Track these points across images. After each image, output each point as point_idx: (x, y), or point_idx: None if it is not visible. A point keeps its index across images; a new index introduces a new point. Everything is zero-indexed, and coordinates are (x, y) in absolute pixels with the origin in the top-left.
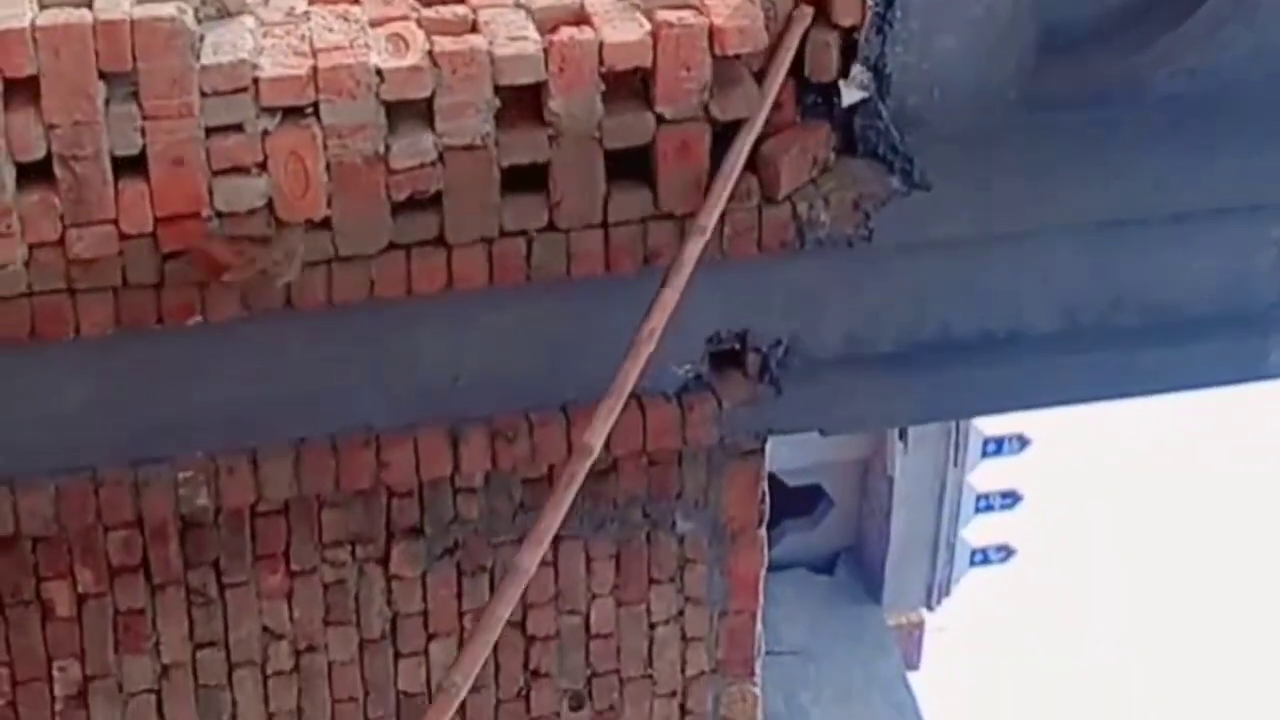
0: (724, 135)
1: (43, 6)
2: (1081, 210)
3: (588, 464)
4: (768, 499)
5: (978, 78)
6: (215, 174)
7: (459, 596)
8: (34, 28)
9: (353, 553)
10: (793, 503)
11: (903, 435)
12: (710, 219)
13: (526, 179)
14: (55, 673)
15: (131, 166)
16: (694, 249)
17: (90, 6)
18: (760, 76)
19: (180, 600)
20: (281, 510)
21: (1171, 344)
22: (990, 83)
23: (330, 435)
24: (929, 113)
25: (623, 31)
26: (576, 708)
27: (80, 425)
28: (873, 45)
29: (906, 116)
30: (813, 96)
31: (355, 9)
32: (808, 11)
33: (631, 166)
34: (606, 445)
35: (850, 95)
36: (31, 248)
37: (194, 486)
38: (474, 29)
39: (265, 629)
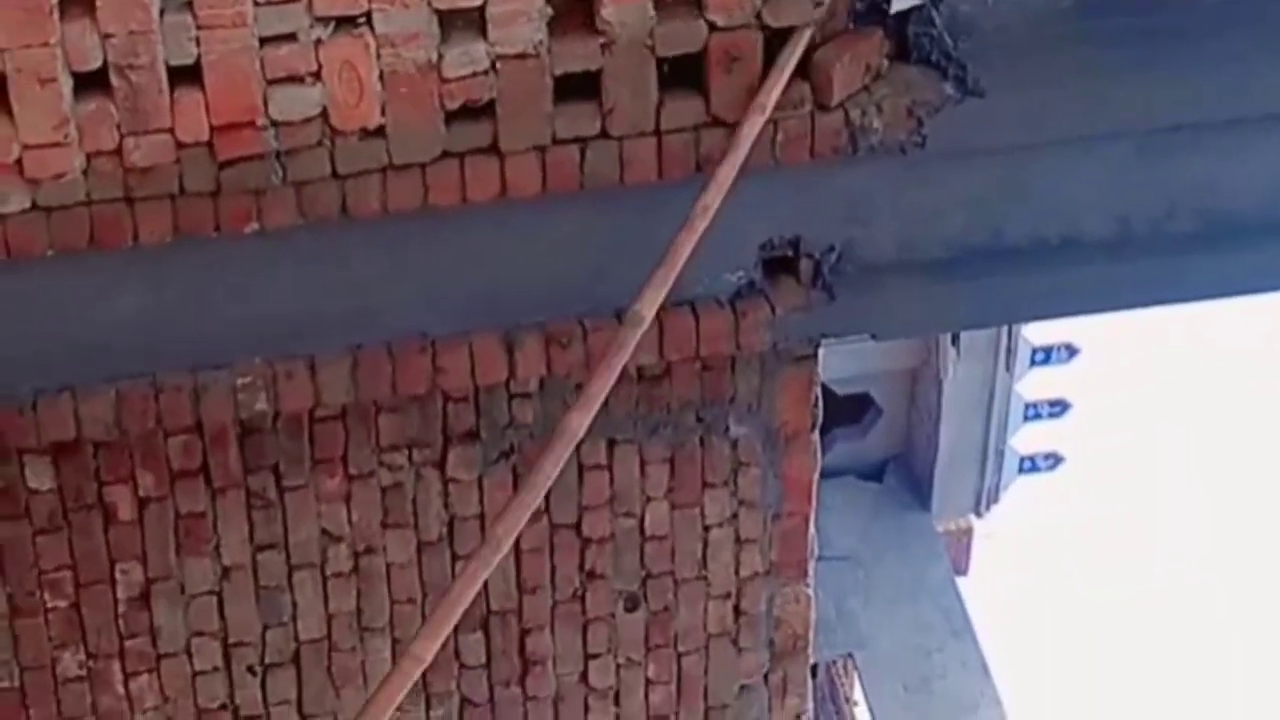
0: (777, 42)
1: None
2: (1135, 116)
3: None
4: (820, 404)
5: None
6: (270, 83)
7: None
8: None
9: (409, 457)
10: (842, 411)
11: (955, 342)
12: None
13: (579, 87)
14: (118, 575)
15: (186, 75)
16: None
17: None
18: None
19: (240, 504)
20: (339, 415)
21: (1225, 250)
22: None
23: (386, 341)
24: (982, 19)
25: None
26: (632, 609)
27: (139, 332)
28: None
29: (959, 23)
30: (866, 2)
31: None
32: (808, 32)
33: (684, 74)
34: (660, 350)
35: (900, 1)
36: (89, 156)
37: (252, 392)
38: None
39: (324, 531)
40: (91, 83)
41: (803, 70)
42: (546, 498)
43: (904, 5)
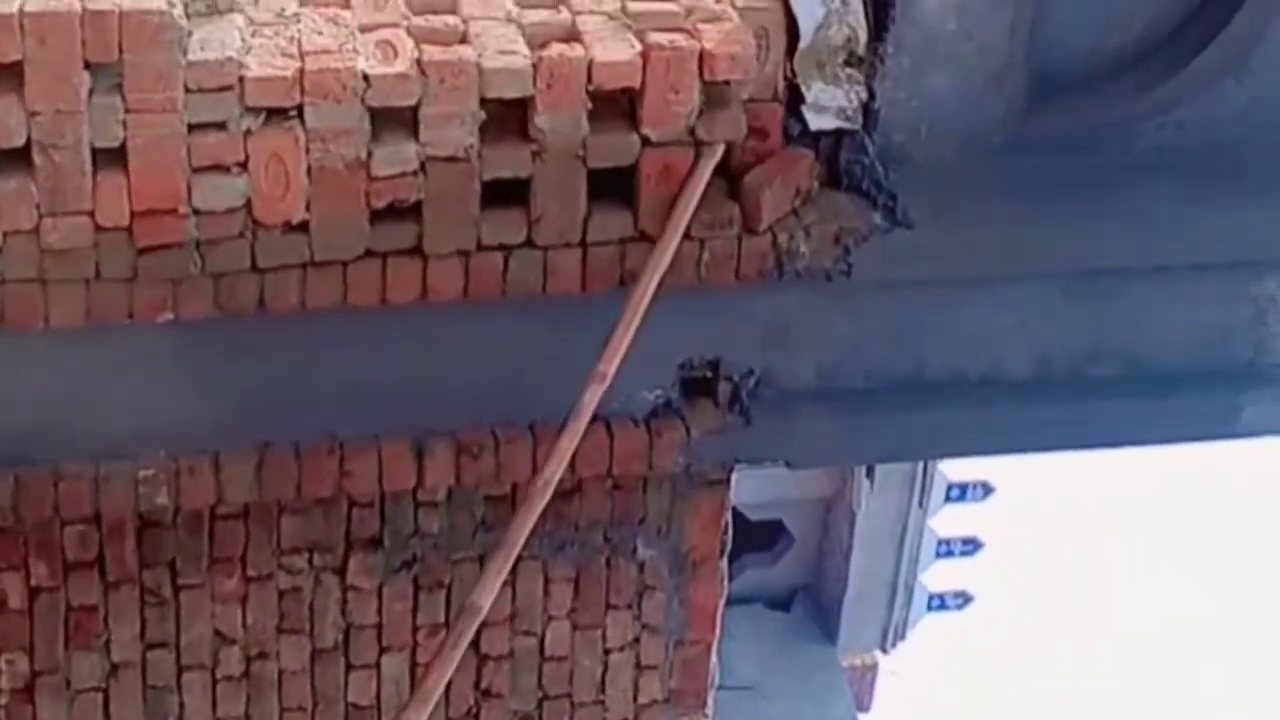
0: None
1: None
2: (1063, 257)
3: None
4: (730, 530)
5: (966, 118)
6: (195, 171)
7: (414, 611)
8: (22, 14)
9: (310, 561)
10: (753, 537)
11: (870, 474)
12: (612, 363)
13: (507, 193)
14: (3, 665)
15: (111, 159)
16: (593, 394)
17: None
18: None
19: (134, 599)
20: (241, 514)
21: (1145, 396)
22: (978, 124)
23: (294, 441)
24: (915, 150)
25: (613, 51)
26: None
27: (44, 417)
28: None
29: (892, 152)
30: (798, 125)
31: (346, 13)
32: (717, 149)
33: (613, 187)
34: (571, 466)
35: (817, 120)
36: (6, 235)
37: (154, 485)
38: (464, 40)
39: (217, 633)
40: (13, 160)
41: (732, 192)
42: (446, 611)
43: (825, 125)
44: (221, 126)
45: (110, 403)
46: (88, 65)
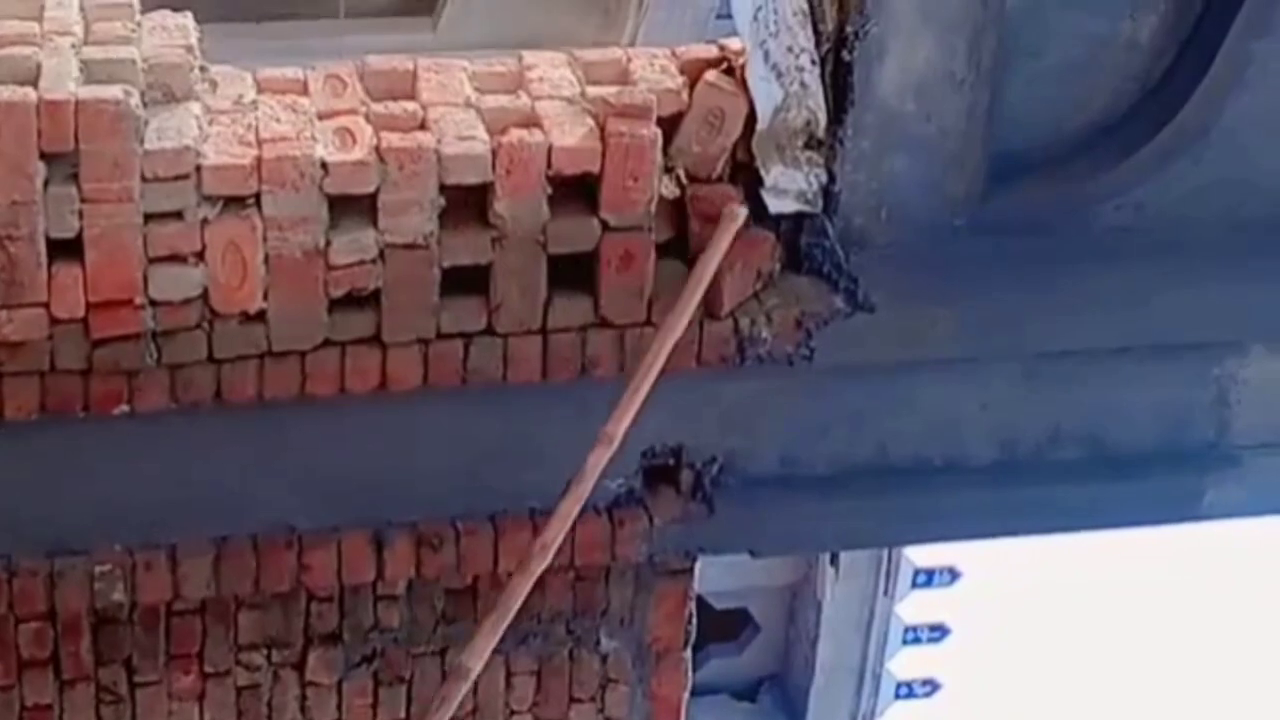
0: (667, 247)
1: None
2: (1023, 340)
3: (463, 686)
4: (695, 620)
5: (927, 200)
6: (151, 261)
7: (374, 707)
8: None
9: (268, 656)
10: (718, 626)
11: (834, 561)
12: (620, 425)
13: (467, 281)
14: None
15: (66, 249)
16: (598, 457)
17: (35, 85)
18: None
19: (90, 697)
20: (198, 610)
21: (1108, 480)
22: (939, 206)
23: (252, 535)
24: (876, 233)
25: (572, 136)
26: None
27: None
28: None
29: (853, 235)
30: (757, 207)
31: (304, 100)
32: (740, 212)
33: (573, 273)
34: None
35: (777, 204)
36: None
37: (110, 581)
38: (423, 126)
39: None
40: None
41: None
42: (408, 706)
43: (784, 208)
44: (178, 216)
45: (65, 497)
46: (43, 155)
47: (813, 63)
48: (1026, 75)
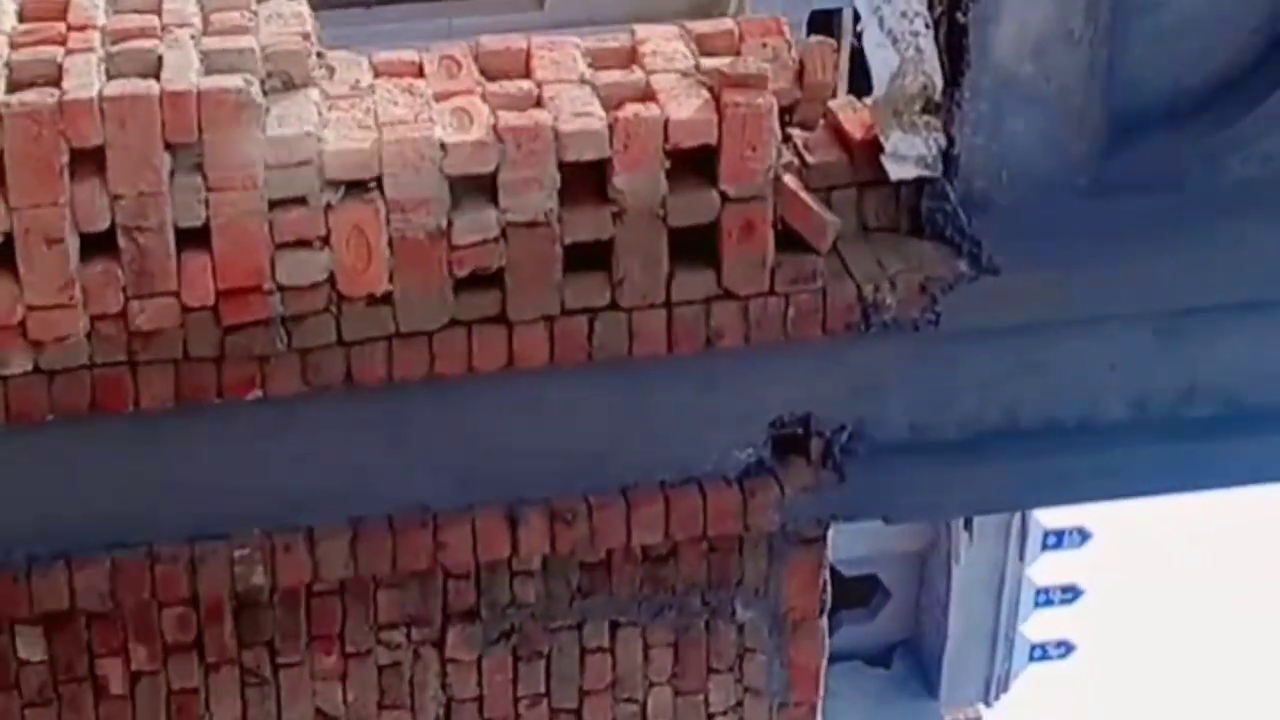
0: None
1: (110, 76)
2: (1153, 297)
3: None
4: (829, 588)
5: (1048, 161)
6: (278, 247)
7: (514, 682)
8: (101, 98)
9: (408, 635)
10: (849, 593)
11: (968, 525)
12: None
13: (589, 257)
14: None
15: (194, 238)
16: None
17: (157, 77)
18: None
19: (234, 680)
20: (337, 590)
21: (1243, 436)
22: (1060, 166)
23: (387, 515)
24: (997, 195)
25: (687, 108)
26: None
27: (137, 500)
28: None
29: (974, 199)
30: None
31: (420, 83)
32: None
33: (695, 245)
34: (666, 529)
35: (897, 170)
36: (93, 319)
37: (250, 564)
38: (538, 104)
39: (319, 711)
40: (98, 244)
41: (806, 247)
42: (547, 681)
43: (905, 174)
44: (303, 201)
45: (202, 482)
46: (168, 146)
47: (927, 27)
48: (1146, 30)
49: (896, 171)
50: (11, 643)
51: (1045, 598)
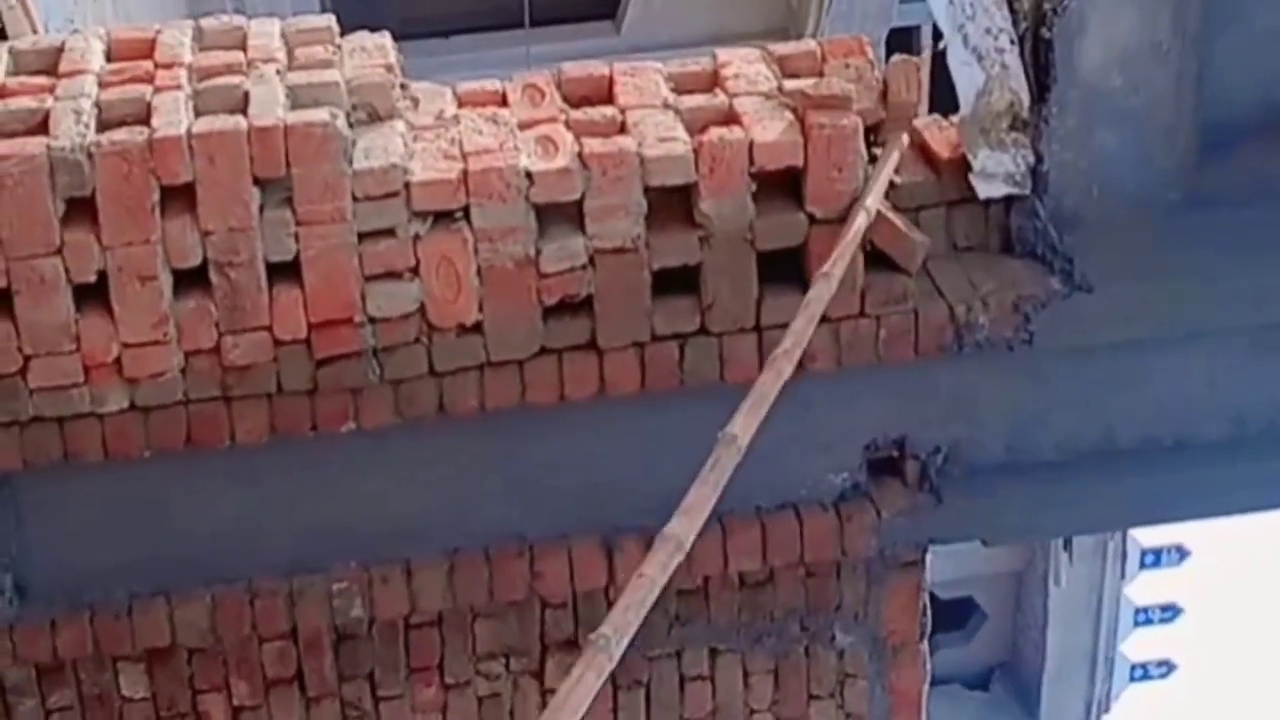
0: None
1: (198, 113)
2: (1248, 312)
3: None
4: (929, 611)
5: (1138, 176)
6: (368, 279)
7: (614, 711)
8: (190, 135)
9: (507, 665)
10: (945, 616)
11: (1068, 545)
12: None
13: (677, 282)
14: None
15: (285, 272)
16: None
17: (245, 113)
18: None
19: (335, 713)
20: (435, 622)
21: None
22: (1151, 181)
23: (483, 545)
24: (1088, 211)
25: (772, 131)
26: None
27: (235, 535)
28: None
29: (1064, 215)
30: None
31: (504, 111)
32: (903, 137)
33: (784, 269)
34: (763, 555)
35: (986, 188)
36: (187, 355)
37: (348, 597)
38: (623, 130)
39: None
40: (190, 280)
41: (891, 266)
42: (647, 708)
43: (994, 192)
44: (391, 233)
45: (299, 515)
46: (257, 181)
47: (1012, 43)
48: (1234, 41)
49: (985, 190)
50: (115, 680)
51: (1144, 617)
